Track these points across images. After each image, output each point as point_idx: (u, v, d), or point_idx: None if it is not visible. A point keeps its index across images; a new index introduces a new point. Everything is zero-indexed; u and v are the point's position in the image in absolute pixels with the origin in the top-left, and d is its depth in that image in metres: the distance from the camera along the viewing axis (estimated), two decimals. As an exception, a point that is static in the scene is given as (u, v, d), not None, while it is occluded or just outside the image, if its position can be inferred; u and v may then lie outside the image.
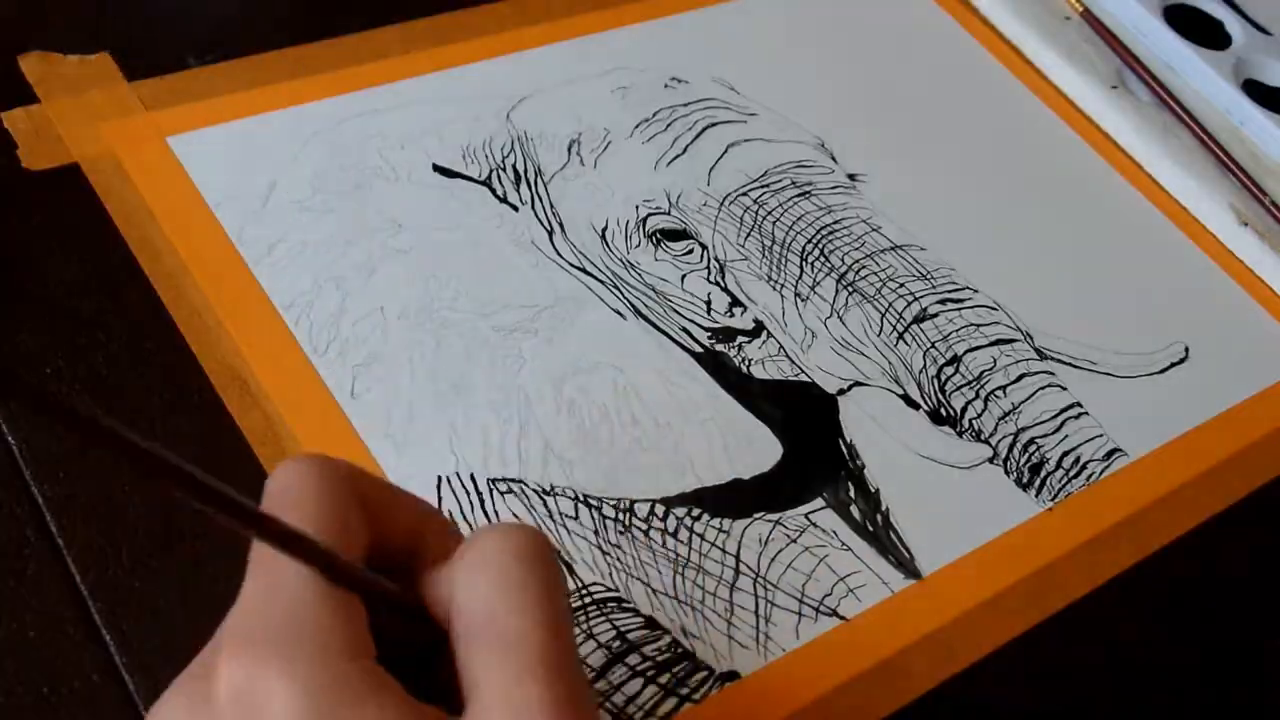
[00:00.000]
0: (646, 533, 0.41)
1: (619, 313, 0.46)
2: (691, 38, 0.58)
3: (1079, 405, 0.48)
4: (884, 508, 0.43)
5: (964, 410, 0.47)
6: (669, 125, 0.53)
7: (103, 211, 0.45)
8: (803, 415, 0.45)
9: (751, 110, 0.55)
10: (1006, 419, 0.47)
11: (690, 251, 0.49)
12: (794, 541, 0.42)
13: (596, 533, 0.40)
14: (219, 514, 0.25)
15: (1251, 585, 0.46)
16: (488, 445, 0.41)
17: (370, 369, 0.42)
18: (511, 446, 0.42)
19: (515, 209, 0.48)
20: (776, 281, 0.49)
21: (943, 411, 0.46)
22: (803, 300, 0.48)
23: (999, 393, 0.47)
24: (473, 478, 0.41)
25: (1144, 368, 0.50)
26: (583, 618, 0.38)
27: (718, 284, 0.48)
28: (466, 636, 0.28)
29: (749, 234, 0.50)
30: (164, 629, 0.36)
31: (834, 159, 0.54)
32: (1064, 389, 0.48)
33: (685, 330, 0.46)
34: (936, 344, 0.48)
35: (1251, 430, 0.49)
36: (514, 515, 0.40)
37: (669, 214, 0.50)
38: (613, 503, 0.41)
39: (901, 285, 0.50)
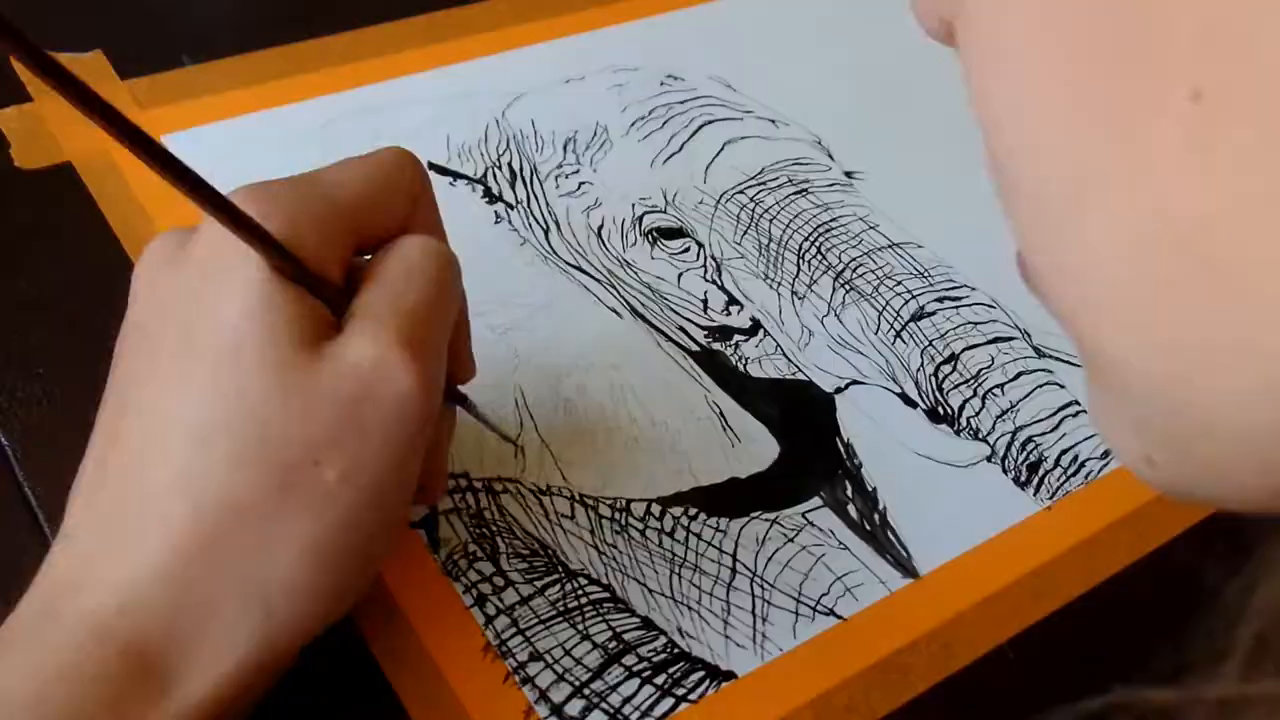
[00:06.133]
0: (643, 532, 0.41)
1: (615, 311, 0.46)
2: (688, 35, 0.57)
3: (1077, 403, 0.48)
4: (881, 506, 0.43)
5: (961, 408, 0.46)
6: (665, 123, 0.53)
7: (96, 211, 0.44)
8: (800, 414, 0.45)
9: (748, 108, 0.55)
10: (1004, 417, 0.47)
11: (687, 250, 0.49)
12: (791, 541, 0.41)
13: (592, 532, 0.40)
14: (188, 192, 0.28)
15: (1250, 583, 0.46)
16: (483, 445, 0.41)
17: (365, 368, 0.42)
18: (507, 446, 0.41)
19: (511, 207, 0.48)
20: (773, 280, 0.48)
21: (940, 410, 0.46)
22: (800, 298, 0.48)
23: (996, 391, 0.47)
24: (469, 477, 0.40)
25: (1142, 365, 0.50)
26: (579, 618, 0.38)
27: (714, 282, 0.48)
28: (364, 288, 0.32)
29: (746, 232, 0.50)
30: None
31: (831, 156, 0.54)
32: (1062, 387, 0.48)
33: (682, 329, 0.46)
34: (934, 342, 0.48)
35: (1250, 428, 0.49)
36: (511, 515, 0.40)
37: (665, 212, 0.49)
38: (609, 502, 0.41)
39: (899, 283, 0.49)
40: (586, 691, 0.37)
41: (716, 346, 0.46)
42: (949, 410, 0.46)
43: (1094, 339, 0.21)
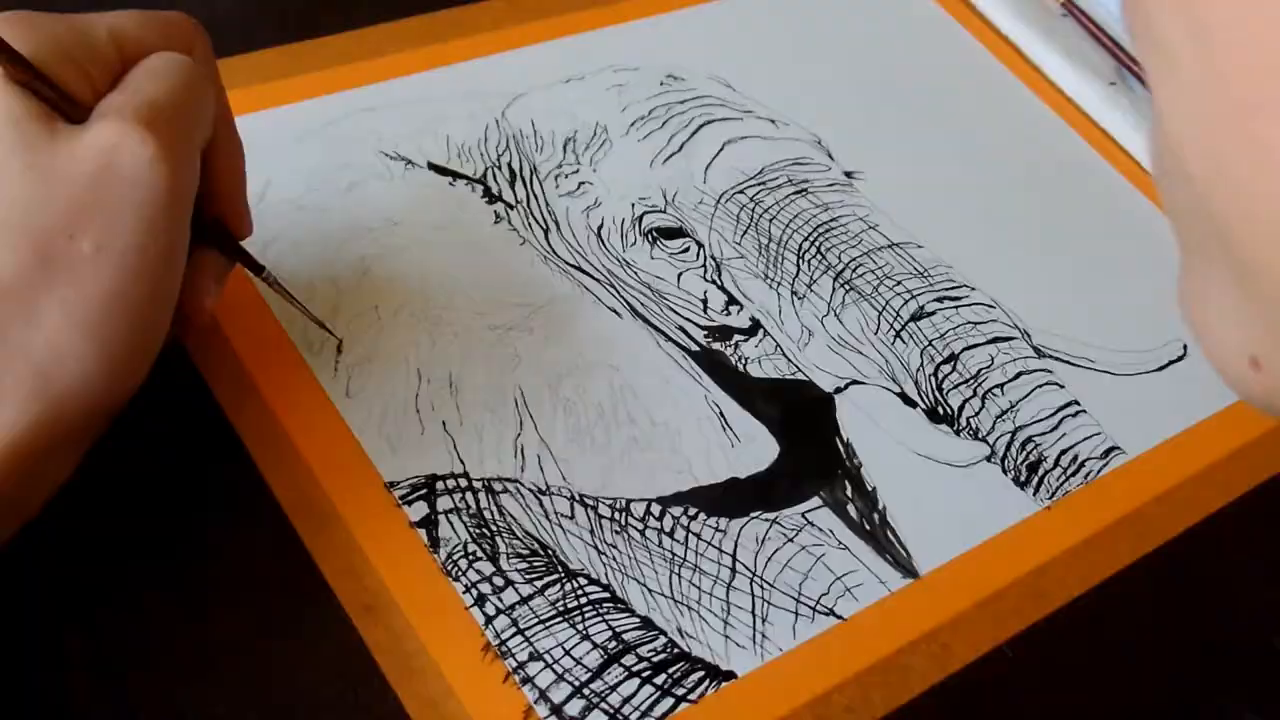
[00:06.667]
0: (643, 532, 0.41)
1: (615, 311, 0.46)
2: (688, 35, 0.57)
3: (1077, 403, 0.48)
4: (881, 506, 0.43)
5: (961, 408, 0.46)
6: (665, 123, 0.53)
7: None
8: (799, 414, 0.45)
9: (748, 108, 0.55)
10: (1004, 417, 0.47)
11: (686, 249, 0.49)
12: (791, 540, 0.41)
13: (592, 532, 0.40)
14: None
15: (1250, 583, 0.46)
16: (483, 445, 0.41)
17: (365, 368, 0.42)
18: (507, 446, 0.41)
19: (511, 207, 0.48)
20: (773, 279, 0.48)
21: (940, 410, 0.46)
22: (799, 298, 0.48)
23: (996, 391, 0.47)
24: (468, 477, 0.40)
25: (1142, 365, 0.50)
26: (579, 618, 0.38)
27: (714, 282, 0.48)
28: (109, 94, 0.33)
29: (745, 232, 0.50)
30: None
31: (831, 156, 0.54)
32: (1061, 387, 0.48)
33: (682, 329, 0.46)
34: (934, 342, 0.48)
35: (1249, 428, 0.49)
36: (511, 515, 0.40)
37: (665, 212, 0.50)
38: (609, 502, 0.41)
39: (898, 283, 0.49)
40: (586, 691, 0.37)
41: (716, 346, 0.46)
42: (949, 410, 0.46)
43: (1254, 248, 0.20)
